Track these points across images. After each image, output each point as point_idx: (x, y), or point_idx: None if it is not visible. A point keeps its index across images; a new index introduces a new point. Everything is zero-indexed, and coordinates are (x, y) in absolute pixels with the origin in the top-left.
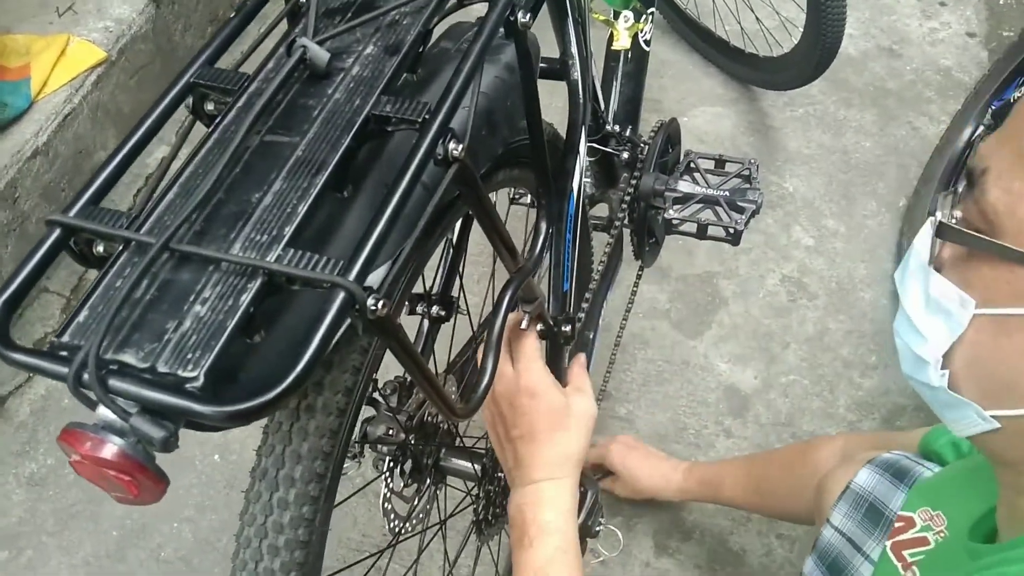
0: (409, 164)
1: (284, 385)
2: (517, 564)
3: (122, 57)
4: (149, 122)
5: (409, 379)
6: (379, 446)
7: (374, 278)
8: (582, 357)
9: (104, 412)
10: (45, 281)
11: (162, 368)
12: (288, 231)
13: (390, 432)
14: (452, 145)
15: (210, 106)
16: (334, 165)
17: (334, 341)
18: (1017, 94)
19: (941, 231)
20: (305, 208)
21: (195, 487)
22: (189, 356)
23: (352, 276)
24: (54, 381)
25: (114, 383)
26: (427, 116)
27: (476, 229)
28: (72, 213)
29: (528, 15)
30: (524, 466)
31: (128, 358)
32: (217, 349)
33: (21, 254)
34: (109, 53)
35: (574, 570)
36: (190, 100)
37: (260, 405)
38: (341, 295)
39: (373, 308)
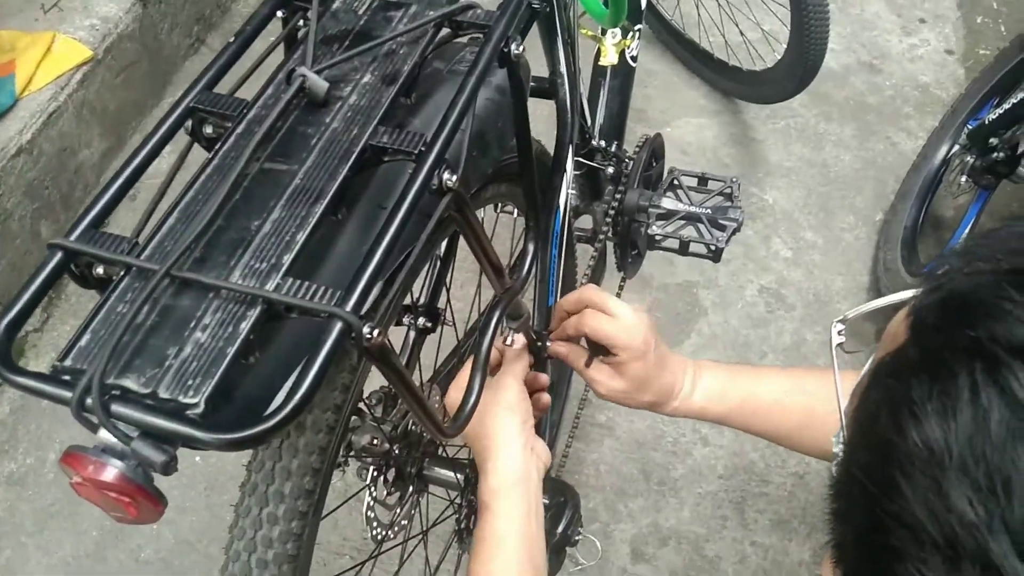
0: (406, 195)
1: (284, 414)
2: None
3: (108, 56)
4: (150, 146)
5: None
6: (363, 456)
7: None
8: (518, 338)
9: (105, 435)
10: None
11: (163, 394)
12: (287, 259)
13: (375, 442)
14: (447, 176)
15: (208, 129)
16: (332, 195)
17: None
18: (992, 115)
19: None
20: (304, 237)
21: (175, 488)
22: (190, 383)
23: (349, 307)
24: None
25: (116, 408)
26: (423, 148)
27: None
28: (73, 237)
29: (521, 47)
30: (475, 453)
31: (130, 383)
32: (217, 377)
33: (3, 252)
34: (95, 51)
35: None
36: (189, 123)
37: (260, 433)
38: (339, 325)
39: (368, 337)
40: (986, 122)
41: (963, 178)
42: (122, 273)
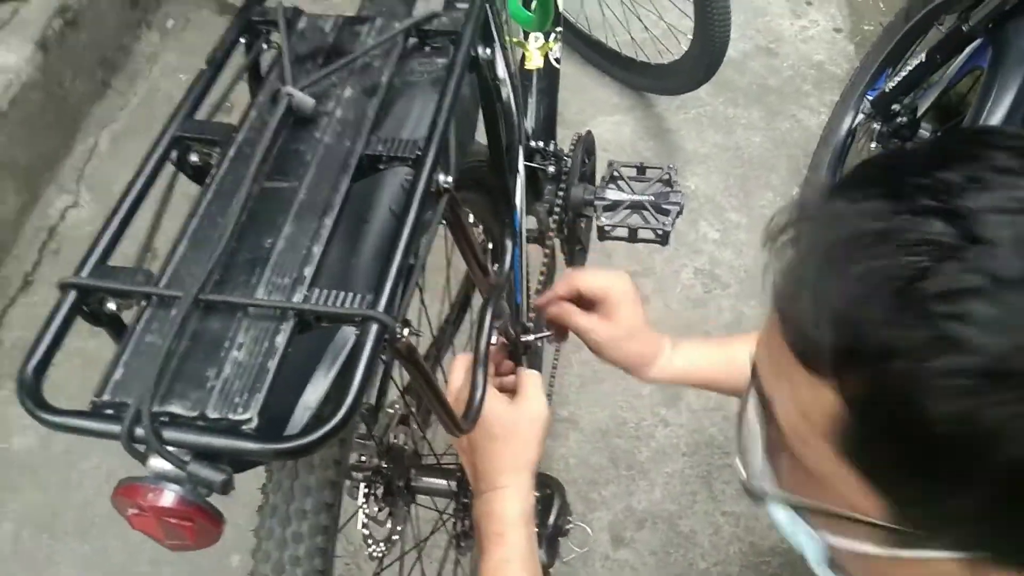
0: (412, 198)
1: (339, 418)
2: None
3: (14, 107)
4: (143, 178)
5: (375, 404)
6: (353, 473)
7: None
8: (528, 370)
9: (155, 464)
10: None
11: (212, 414)
12: (308, 272)
13: (363, 459)
14: (442, 177)
15: (194, 158)
16: (339, 206)
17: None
18: (891, 84)
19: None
20: (319, 249)
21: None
22: (236, 400)
23: (381, 308)
24: None
25: (169, 434)
26: (419, 153)
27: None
28: (85, 274)
29: (488, 50)
30: (479, 478)
31: (176, 408)
32: (265, 391)
33: None
34: (0, 105)
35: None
36: (174, 154)
37: (318, 439)
38: (375, 327)
39: (400, 336)
40: (886, 90)
41: (873, 144)
42: (144, 304)
